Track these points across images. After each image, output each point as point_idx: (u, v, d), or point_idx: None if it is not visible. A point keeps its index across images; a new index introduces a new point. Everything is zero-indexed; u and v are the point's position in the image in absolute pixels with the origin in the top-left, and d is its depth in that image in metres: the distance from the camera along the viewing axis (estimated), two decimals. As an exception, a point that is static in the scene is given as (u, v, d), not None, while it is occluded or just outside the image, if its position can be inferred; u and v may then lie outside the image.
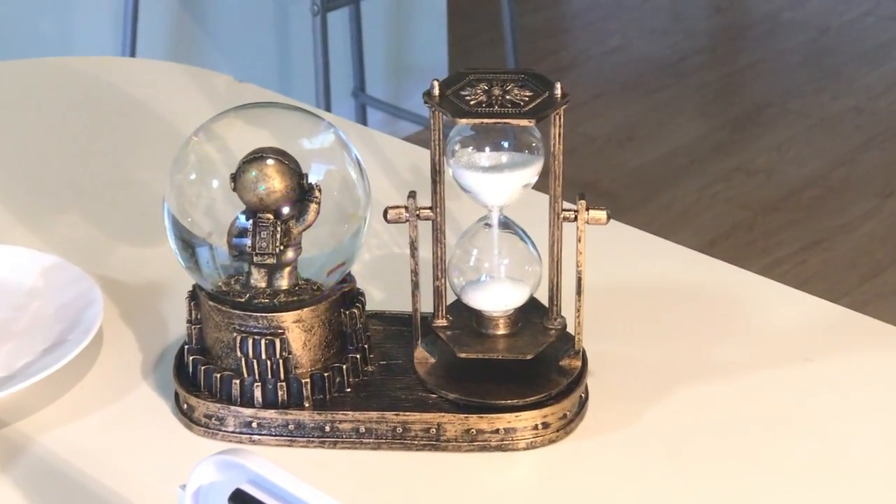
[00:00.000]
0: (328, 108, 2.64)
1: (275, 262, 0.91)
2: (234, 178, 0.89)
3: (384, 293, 1.05)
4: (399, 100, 3.38)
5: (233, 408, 0.92)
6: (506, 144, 0.90)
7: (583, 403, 0.94)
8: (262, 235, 0.90)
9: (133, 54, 2.81)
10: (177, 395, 0.94)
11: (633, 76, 3.65)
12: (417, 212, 0.91)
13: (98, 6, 2.88)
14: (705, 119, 3.46)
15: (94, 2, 2.87)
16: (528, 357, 0.93)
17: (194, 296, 0.94)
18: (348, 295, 0.94)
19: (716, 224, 2.87)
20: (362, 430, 0.91)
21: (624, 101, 3.52)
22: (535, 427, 0.91)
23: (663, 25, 3.96)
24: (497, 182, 0.91)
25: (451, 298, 0.95)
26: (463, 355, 0.93)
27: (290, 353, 0.91)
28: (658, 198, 3.05)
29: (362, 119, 3.27)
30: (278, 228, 0.90)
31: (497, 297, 0.94)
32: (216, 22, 3.08)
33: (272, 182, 0.89)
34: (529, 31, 3.60)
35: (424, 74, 0.84)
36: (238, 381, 0.92)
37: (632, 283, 1.08)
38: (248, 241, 0.90)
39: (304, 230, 0.91)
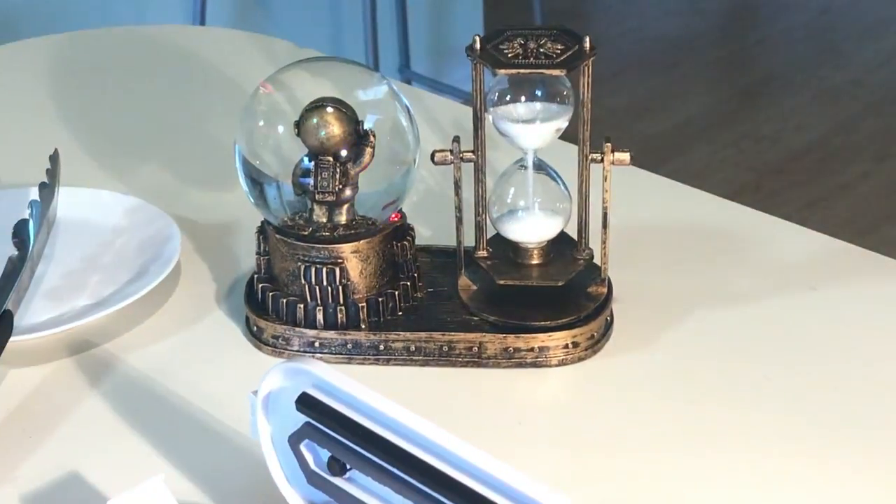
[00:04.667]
0: (377, 82, 2.63)
1: (334, 199, 0.91)
2: (298, 124, 0.90)
3: (431, 230, 1.05)
4: (440, 76, 3.37)
5: (297, 329, 0.93)
6: (540, 93, 0.90)
7: (608, 326, 0.94)
8: (323, 176, 0.90)
9: (203, 23, 2.82)
10: (247, 318, 0.95)
11: (650, 54, 3.63)
12: (461, 154, 0.92)
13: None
14: (716, 91, 3.44)
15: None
16: (560, 284, 0.93)
17: (262, 230, 0.94)
18: (400, 229, 0.95)
19: (725, 185, 2.84)
20: (412, 348, 0.92)
21: (641, 76, 3.50)
22: (566, 346, 0.91)
23: (677, 7, 3.93)
24: (532, 127, 0.91)
25: (490, 233, 0.95)
26: (501, 282, 0.94)
27: (348, 280, 0.92)
28: (672, 162, 3.04)
29: (408, 93, 3.27)
30: (337, 169, 0.90)
31: (531, 230, 0.94)
32: (270, 3, 3.09)
33: (332, 128, 0.89)
34: (555, 14, 3.57)
35: (462, 53, 0.84)
36: (302, 306, 0.92)
37: (652, 222, 1.08)
38: (310, 181, 0.91)
39: (361, 171, 0.91)
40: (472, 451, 0.64)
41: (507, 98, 0.90)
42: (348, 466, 0.70)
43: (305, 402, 0.70)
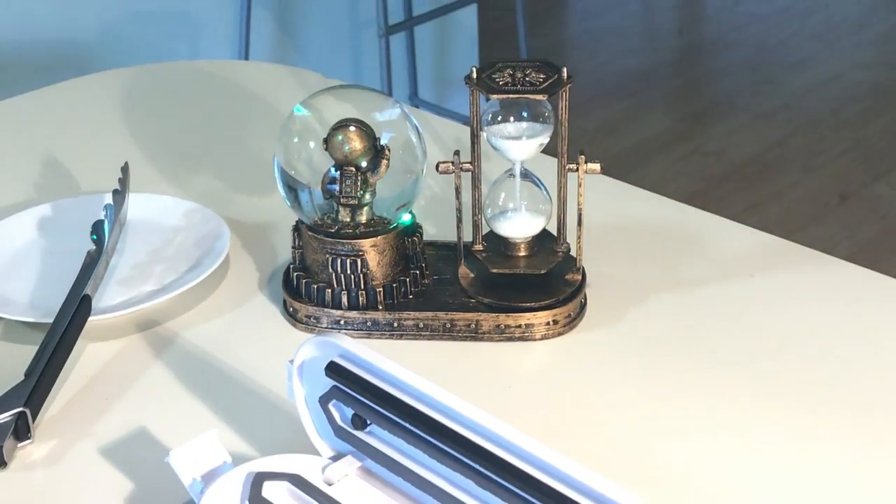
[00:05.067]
0: (390, 107, 2.64)
1: (356, 203, 0.91)
2: (326, 140, 0.90)
3: (436, 228, 1.05)
4: (443, 102, 3.38)
5: (325, 310, 0.93)
6: (525, 114, 0.90)
7: (582, 307, 0.94)
8: (346, 183, 0.90)
9: (247, 58, 2.82)
10: (284, 301, 0.95)
11: (616, 84, 3.63)
12: (461, 165, 0.92)
13: (220, 23, 2.88)
14: (670, 115, 3.44)
15: (218, 21, 2.88)
16: (542, 272, 0.93)
17: (297, 228, 0.94)
18: (409, 227, 0.95)
19: (679, 192, 2.84)
20: (420, 325, 0.92)
21: (609, 102, 3.50)
22: (548, 323, 0.91)
23: (638, 45, 3.94)
24: (519, 143, 0.91)
25: (485, 230, 0.96)
26: (494, 270, 0.94)
27: (367, 269, 0.92)
28: (635, 173, 3.03)
29: (415, 116, 3.29)
30: (358, 178, 0.90)
31: (519, 227, 0.94)
32: (307, 38, 3.09)
33: (354, 143, 0.89)
34: (538, 50, 3.58)
35: (461, 82, 0.84)
36: (330, 290, 0.93)
37: (619, 221, 1.08)
38: (336, 188, 0.91)
39: (378, 179, 0.91)
40: (469, 408, 0.64)
41: (499, 118, 0.91)
42: (368, 422, 0.70)
43: (333, 369, 0.70)
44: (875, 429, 0.81)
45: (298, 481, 0.70)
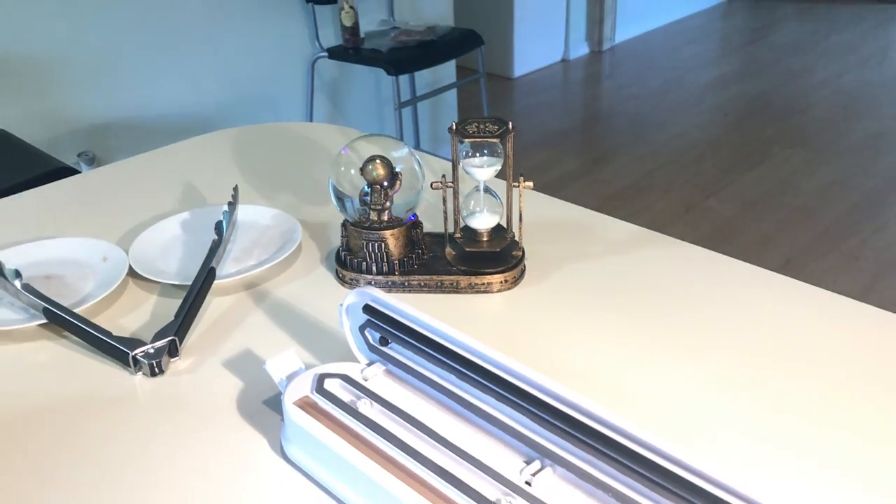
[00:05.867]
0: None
1: (381, 208, 0.92)
2: (362, 168, 0.90)
3: (431, 224, 1.04)
4: (436, 151, 3.38)
5: (362, 275, 0.93)
6: (486, 151, 0.90)
7: (523, 271, 0.94)
8: (374, 196, 0.91)
9: (311, 120, 2.82)
10: (336, 271, 0.95)
11: (543, 137, 3.63)
12: (447, 184, 0.93)
13: (294, 101, 2.88)
14: (579, 158, 3.45)
15: (292, 100, 2.88)
16: (498, 250, 0.94)
17: (344, 225, 0.95)
18: (415, 223, 0.95)
19: (584, 206, 2.87)
20: (422, 284, 0.92)
21: (541, 150, 3.50)
22: (502, 282, 0.92)
23: (560, 114, 3.94)
24: (482, 170, 0.91)
25: (462, 224, 0.96)
26: (468, 249, 0.94)
27: (388, 249, 0.92)
28: (557, 194, 3.05)
29: (417, 159, 3.30)
30: (382, 192, 0.91)
31: (483, 221, 0.95)
32: (348, 110, 3.09)
33: (379, 170, 0.90)
34: (493, 112, 3.59)
35: (447, 138, 0.84)
36: (364, 263, 0.93)
37: (545, 219, 1.07)
38: (368, 199, 0.91)
39: (394, 193, 0.92)
40: (454, 331, 0.65)
41: (469, 154, 0.91)
42: (389, 342, 0.71)
43: (367, 309, 0.71)
44: (709, 355, 0.81)
45: (346, 378, 0.70)
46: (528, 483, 0.58)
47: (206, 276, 0.91)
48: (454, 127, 0.90)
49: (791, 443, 0.68)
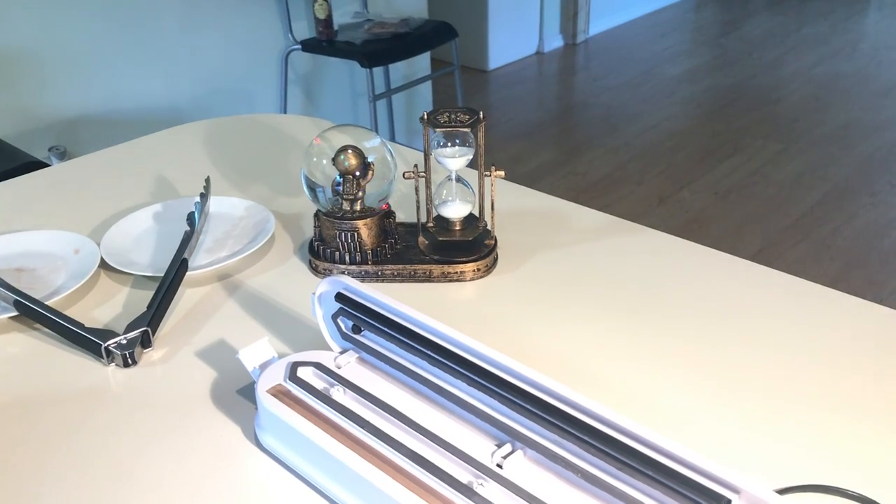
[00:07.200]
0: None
1: (353, 198, 0.91)
2: (334, 158, 0.90)
3: (404, 214, 1.05)
4: (410, 143, 3.38)
5: (335, 265, 0.93)
6: (458, 141, 0.90)
7: (495, 260, 0.95)
8: (347, 185, 0.91)
9: (285, 112, 2.81)
10: (310, 260, 0.95)
11: (517, 130, 3.64)
12: (419, 173, 0.92)
13: (268, 94, 2.87)
14: (554, 150, 3.46)
15: (266, 93, 2.86)
16: (470, 239, 0.94)
17: (317, 215, 0.94)
18: (387, 213, 0.95)
19: (559, 196, 2.88)
20: (395, 273, 0.92)
21: (516, 142, 3.51)
22: (475, 270, 0.92)
23: (534, 106, 3.95)
24: (454, 159, 0.91)
25: (434, 213, 0.96)
26: (441, 238, 0.94)
27: (361, 239, 0.92)
28: (533, 185, 3.06)
29: (392, 152, 3.31)
30: (354, 182, 0.91)
31: (455, 211, 0.95)
32: (322, 103, 3.08)
33: (351, 160, 0.90)
34: (467, 103, 3.59)
35: (420, 130, 0.84)
36: (337, 252, 0.93)
37: (518, 209, 1.08)
38: (341, 188, 0.91)
39: (366, 183, 0.91)
40: (426, 318, 0.65)
41: (441, 143, 0.91)
42: (362, 330, 0.71)
43: (339, 298, 0.71)
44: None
45: (319, 366, 0.70)
46: (499, 466, 0.59)
47: (179, 267, 0.90)
48: (426, 117, 0.90)
49: (757, 422, 0.69)
